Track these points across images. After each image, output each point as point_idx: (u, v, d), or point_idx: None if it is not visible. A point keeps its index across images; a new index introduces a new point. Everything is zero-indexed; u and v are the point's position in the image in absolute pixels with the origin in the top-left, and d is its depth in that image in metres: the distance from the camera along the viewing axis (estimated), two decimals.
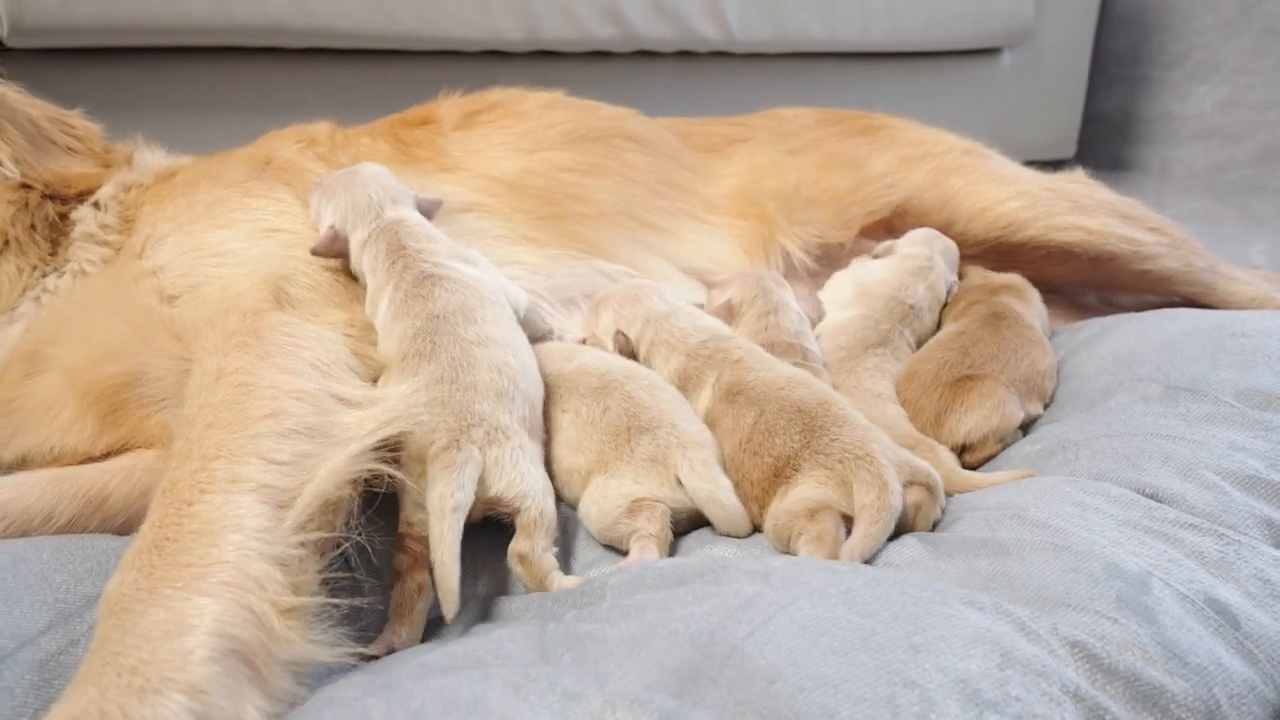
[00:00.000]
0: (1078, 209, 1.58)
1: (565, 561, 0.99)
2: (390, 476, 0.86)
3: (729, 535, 0.97)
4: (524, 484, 0.93)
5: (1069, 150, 3.31)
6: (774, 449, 0.97)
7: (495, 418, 0.95)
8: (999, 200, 1.58)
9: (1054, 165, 1.85)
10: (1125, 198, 1.65)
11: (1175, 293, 1.61)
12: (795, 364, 1.20)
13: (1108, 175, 1.73)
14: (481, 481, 0.91)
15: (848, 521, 0.91)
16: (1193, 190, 3.35)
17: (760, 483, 0.97)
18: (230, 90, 2.20)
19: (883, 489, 0.90)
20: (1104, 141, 3.68)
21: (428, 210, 1.25)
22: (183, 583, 0.67)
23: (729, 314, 1.31)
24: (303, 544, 0.76)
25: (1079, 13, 3.15)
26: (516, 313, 1.16)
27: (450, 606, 0.83)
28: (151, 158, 1.35)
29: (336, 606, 0.74)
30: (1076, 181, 1.68)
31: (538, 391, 1.05)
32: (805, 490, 0.93)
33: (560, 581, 0.90)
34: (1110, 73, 3.63)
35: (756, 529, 0.98)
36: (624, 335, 1.21)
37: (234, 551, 0.70)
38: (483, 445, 0.92)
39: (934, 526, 0.95)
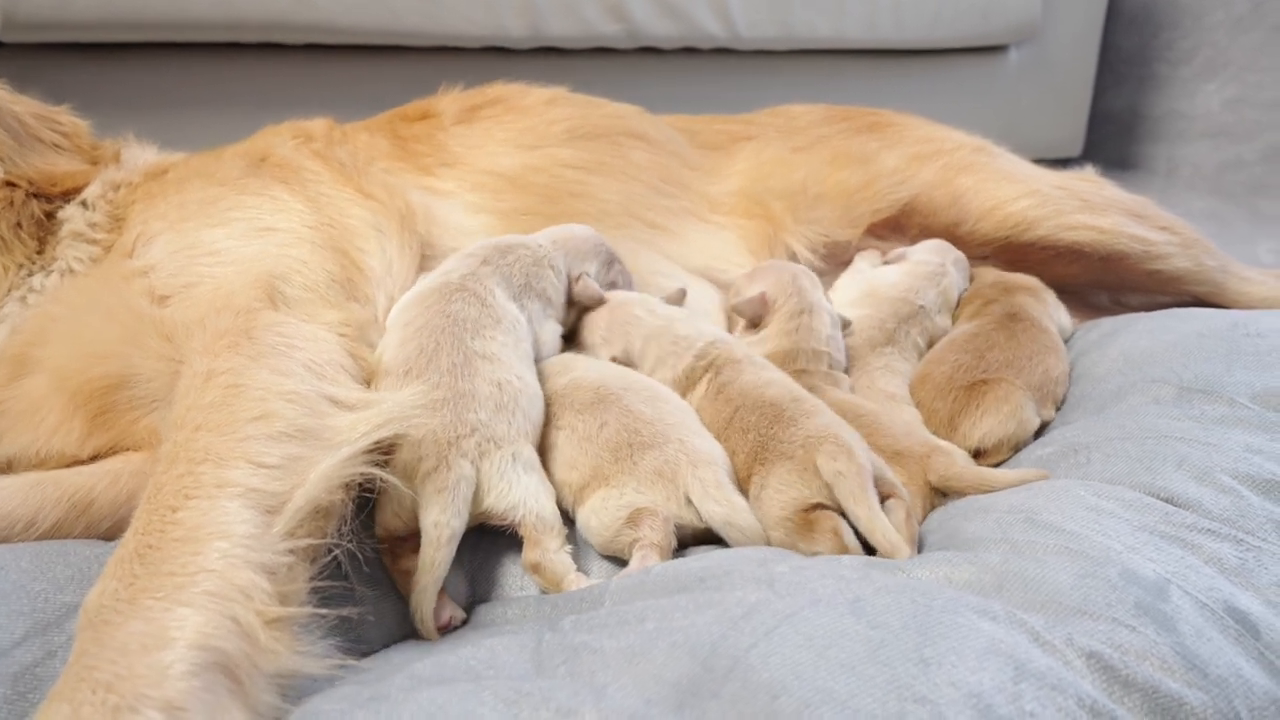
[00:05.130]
0: (1088, 208, 1.56)
1: None
2: (382, 481, 0.84)
3: None
4: (513, 493, 0.90)
5: (1076, 149, 3.28)
6: (746, 445, 0.98)
7: (490, 427, 0.92)
8: (1009, 199, 1.56)
9: (1061, 164, 1.82)
10: (1136, 196, 1.63)
11: (1186, 292, 1.58)
12: (821, 370, 1.19)
13: (1114, 174, 1.70)
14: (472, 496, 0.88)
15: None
16: (1200, 189, 3.32)
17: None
18: (231, 87, 2.18)
19: (849, 454, 0.90)
20: (1111, 140, 3.65)
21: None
22: (164, 593, 0.65)
23: (763, 306, 1.28)
24: (292, 551, 0.73)
25: (1087, 10, 3.11)
26: (538, 352, 1.13)
27: (430, 636, 0.82)
28: (141, 154, 1.32)
29: (323, 617, 0.72)
30: (1087, 180, 1.66)
31: (539, 414, 1.02)
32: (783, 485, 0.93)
33: (580, 582, 0.88)
34: (1118, 71, 3.60)
35: None
36: (617, 359, 1.18)
37: (219, 559, 0.68)
38: (474, 458, 0.89)
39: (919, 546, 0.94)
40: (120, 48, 2.04)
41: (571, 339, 1.24)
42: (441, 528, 0.84)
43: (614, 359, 1.17)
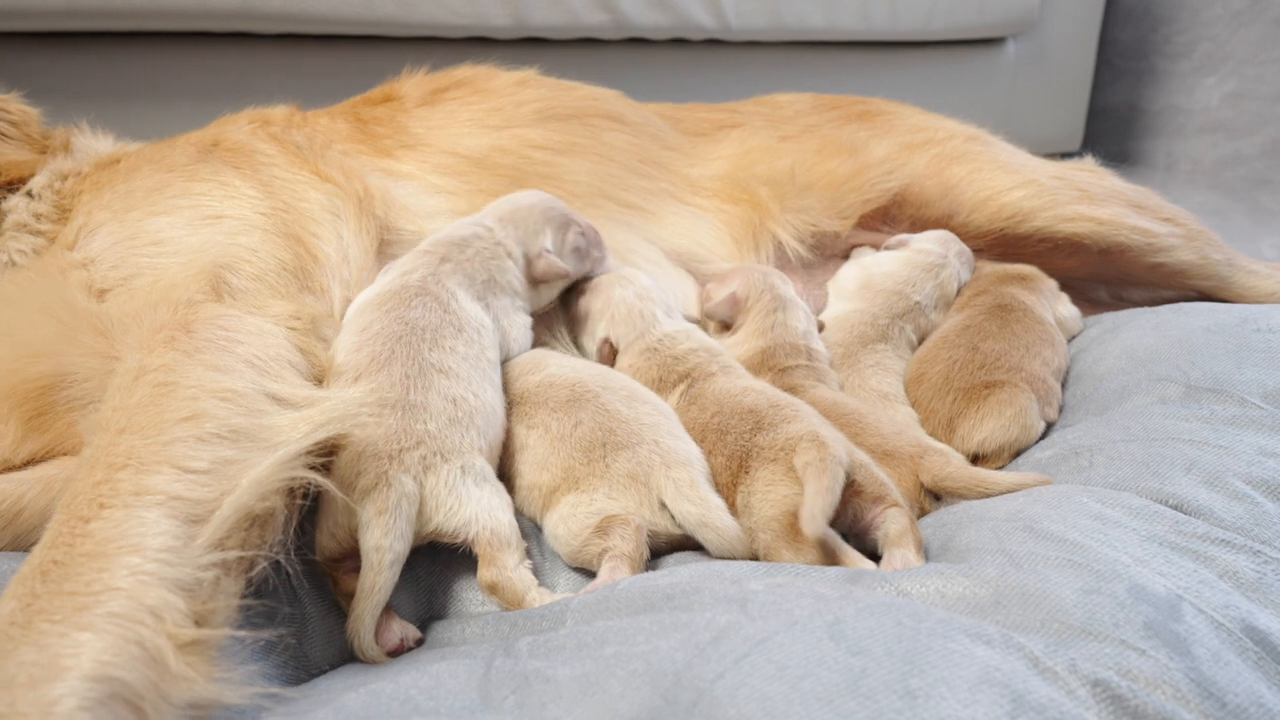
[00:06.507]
0: (1087, 198, 1.49)
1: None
2: (317, 486, 0.77)
3: (726, 559, 0.87)
4: (464, 510, 0.83)
5: (1074, 143, 3.23)
6: (725, 448, 0.94)
7: (440, 439, 0.85)
8: (1003, 189, 1.49)
9: (1059, 159, 1.76)
10: (1138, 187, 1.56)
11: (1190, 287, 1.52)
12: (801, 365, 1.15)
13: (1113, 169, 1.65)
14: (418, 515, 0.82)
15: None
16: (1200, 184, 3.27)
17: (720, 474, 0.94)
18: (201, 78, 2.11)
19: (821, 446, 0.86)
20: (1109, 135, 3.61)
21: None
22: (62, 615, 0.58)
23: (734, 307, 1.24)
24: (218, 565, 0.66)
25: (1085, 3, 3.07)
26: (507, 352, 1.08)
27: (376, 661, 0.76)
28: (94, 144, 1.26)
29: (242, 639, 0.65)
30: (1085, 170, 1.59)
31: (497, 434, 0.95)
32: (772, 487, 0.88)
33: (543, 598, 0.82)
34: (1116, 65, 3.55)
35: None
36: (611, 345, 1.14)
37: (127, 576, 0.61)
38: (418, 473, 0.82)
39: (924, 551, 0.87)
40: (88, 36, 1.98)
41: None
42: (383, 552, 0.77)
43: (605, 339, 1.14)
